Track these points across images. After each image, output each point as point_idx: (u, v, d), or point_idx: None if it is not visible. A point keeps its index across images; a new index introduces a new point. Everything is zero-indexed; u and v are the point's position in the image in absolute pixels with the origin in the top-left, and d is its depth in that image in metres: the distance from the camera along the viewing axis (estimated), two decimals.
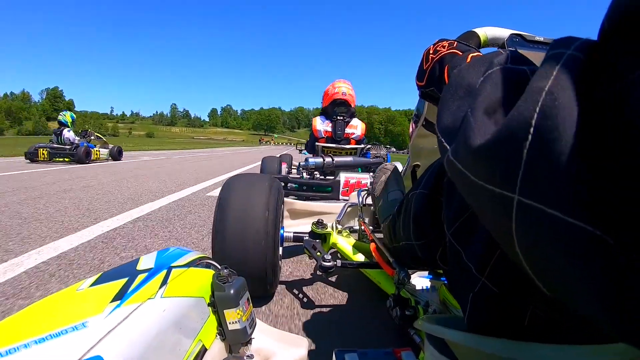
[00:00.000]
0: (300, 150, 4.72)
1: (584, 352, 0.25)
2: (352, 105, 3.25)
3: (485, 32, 0.73)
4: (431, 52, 0.54)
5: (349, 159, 2.65)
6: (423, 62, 0.56)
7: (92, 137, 8.49)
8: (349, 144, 3.20)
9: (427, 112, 0.91)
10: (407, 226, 0.63)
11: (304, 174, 2.74)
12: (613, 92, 0.19)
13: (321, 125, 3.24)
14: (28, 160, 7.17)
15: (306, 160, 2.54)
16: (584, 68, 0.21)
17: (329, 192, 2.56)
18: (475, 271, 0.38)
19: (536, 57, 0.64)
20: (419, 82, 0.57)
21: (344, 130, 3.19)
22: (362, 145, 3.22)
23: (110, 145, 9.06)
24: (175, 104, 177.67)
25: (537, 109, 0.21)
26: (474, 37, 0.72)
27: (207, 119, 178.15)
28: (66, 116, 7.99)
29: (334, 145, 3.12)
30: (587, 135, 0.19)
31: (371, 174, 2.65)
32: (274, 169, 3.57)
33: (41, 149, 7.20)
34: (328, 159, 2.54)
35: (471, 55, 0.46)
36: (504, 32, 0.72)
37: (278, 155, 4.19)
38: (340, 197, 2.48)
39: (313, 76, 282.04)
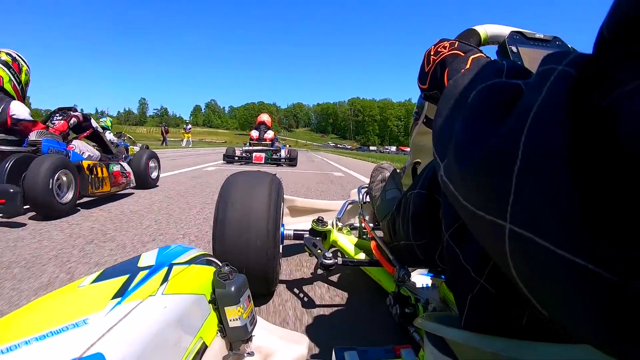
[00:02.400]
0: (245, 143, 9.24)
1: (585, 350, 0.25)
2: (269, 125, 9.57)
3: (485, 29, 0.73)
4: (432, 53, 0.54)
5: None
6: (424, 64, 0.55)
7: (126, 138, 8.27)
8: (264, 141, 9.02)
9: (428, 109, 0.91)
10: (406, 226, 0.63)
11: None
12: (604, 108, 0.18)
13: (255, 133, 9.28)
14: None
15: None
16: (575, 84, 0.20)
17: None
18: (474, 273, 0.38)
19: (536, 54, 0.64)
20: (421, 85, 0.56)
21: (263, 136, 9.14)
22: (272, 142, 8.79)
23: (138, 145, 8.59)
24: (144, 99, 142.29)
25: (525, 130, 0.20)
26: (474, 35, 0.72)
27: (187, 118, 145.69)
28: (107, 122, 7.94)
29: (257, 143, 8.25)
30: (578, 156, 0.18)
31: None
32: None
33: None
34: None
35: (472, 57, 0.46)
36: (504, 30, 0.72)
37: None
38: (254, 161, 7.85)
39: (314, 69, 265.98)
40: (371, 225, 1.30)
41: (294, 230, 1.39)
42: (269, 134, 9.12)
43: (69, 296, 0.46)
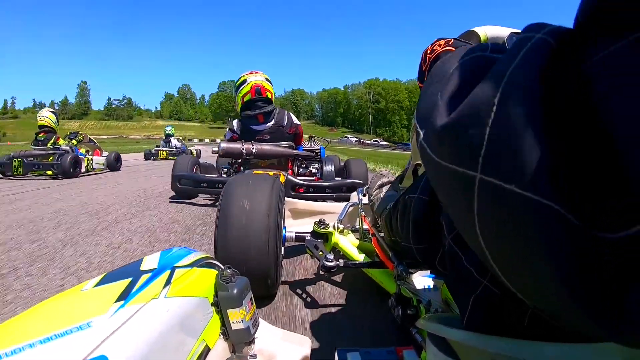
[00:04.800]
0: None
1: (588, 350, 0.25)
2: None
3: (485, 31, 0.73)
4: (428, 52, 0.54)
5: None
6: (422, 62, 0.56)
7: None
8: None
9: None
10: (405, 229, 0.63)
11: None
12: (580, 73, 0.19)
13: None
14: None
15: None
16: (552, 52, 0.21)
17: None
18: (477, 274, 0.38)
19: None
20: (420, 83, 0.57)
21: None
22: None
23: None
24: (85, 83, 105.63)
25: (500, 89, 0.21)
26: (474, 37, 0.72)
27: (151, 109, 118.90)
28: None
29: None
30: (550, 114, 0.19)
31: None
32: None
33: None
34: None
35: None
36: (504, 31, 0.72)
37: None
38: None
39: (317, 46, 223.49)
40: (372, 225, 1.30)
41: (296, 232, 1.39)
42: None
43: (72, 299, 0.46)
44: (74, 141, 6.10)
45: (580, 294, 0.19)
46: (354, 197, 1.62)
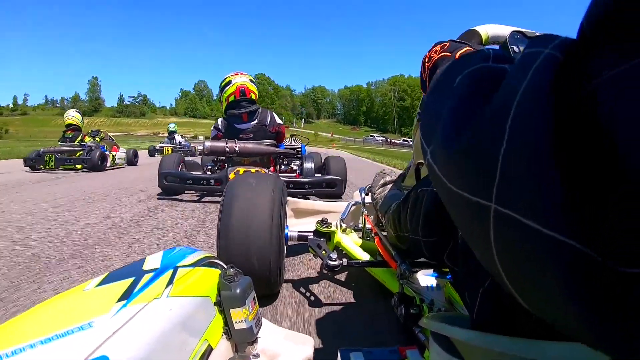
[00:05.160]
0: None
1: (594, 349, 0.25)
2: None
3: (486, 30, 0.72)
4: (426, 60, 0.54)
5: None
6: (422, 71, 0.56)
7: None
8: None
9: None
10: (415, 222, 0.63)
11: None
12: (586, 94, 0.18)
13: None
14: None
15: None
16: (561, 68, 0.20)
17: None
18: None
19: None
20: (423, 92, 0.57)
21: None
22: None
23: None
24: (97, 79, 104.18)
25: (512, 113, 0.20)
26: (475, 36, 0.72)
27: (167, 106, 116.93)
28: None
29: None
30: (563, 139, 0.18)
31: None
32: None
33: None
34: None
35: (459, 53, 0.46)
36: (505, 30, 0.72)
37: None
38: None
39: (338, 42, 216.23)
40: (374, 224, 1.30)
41: (298, 231, 1.39)
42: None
43: (74, 299, 0.46)
44: (97, 138, 6.77)
45: (598, 327, 0.18)
46: (357, 195, 1.62)
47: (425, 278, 1.02)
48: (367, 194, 1.41)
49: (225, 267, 0.69)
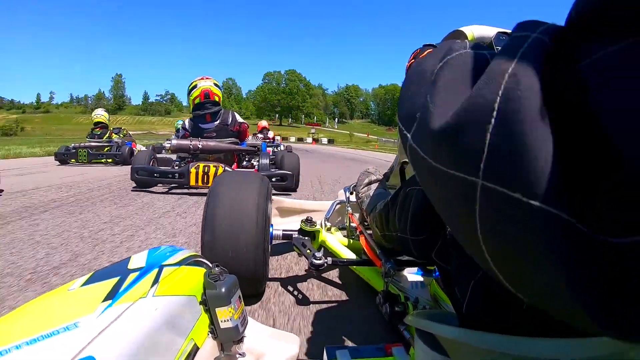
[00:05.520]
0: None
1: (581, 344, 0.25)
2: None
3: (472, 30, 0.74)
4: (408, 63, 0.55)
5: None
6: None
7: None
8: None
9: None
10: (404, 220, 0.64)
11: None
12: (575, 75, 0.19)
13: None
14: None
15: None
16: (549, 52, 0.21)
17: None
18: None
19: None
20: None
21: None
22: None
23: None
24: (120, 76, 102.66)
25: (500, 92, 0.21)
26: (461, 37, 0.73)
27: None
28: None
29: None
30: (551, 118, 0.19)
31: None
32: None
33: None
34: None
35: (427, 51, 0.47)
36: (490, 31, 0.73)
37: None
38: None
39: (374, 44, 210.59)
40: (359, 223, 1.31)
41: (283, 230, 1.39)
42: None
43: (59, 299, 0.45)
44: (120, 134, 7.65)
45: (588, 299, 0.19)
46: (341, 194, 1.63)
47: (410, 276, 1.03)
48: (351, 193, 1.42)
49: (211, 265, 0.69)
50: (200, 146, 3.55)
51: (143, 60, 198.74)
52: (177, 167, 3.77)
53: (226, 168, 3.51)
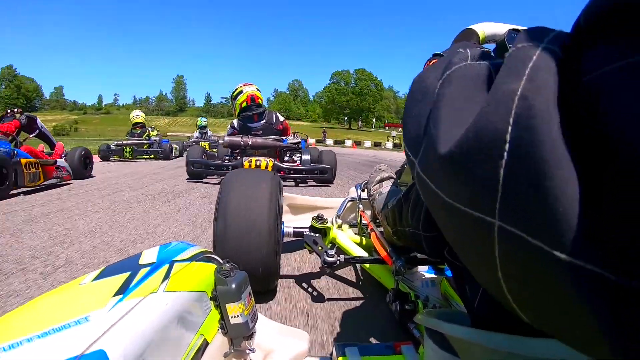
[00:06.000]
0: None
1: None
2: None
3: (483, 29, 0.72)
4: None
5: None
6: None
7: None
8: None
9: None
10: (416, 216, 0.63)
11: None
12: (582, 91, 0.17)
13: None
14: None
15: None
16: (560, 64, 0.18)
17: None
18: None
19: None
20: None
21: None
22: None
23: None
24: (182, 77, 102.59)
25: (511, 120, 0.18)
26: (472, 35, 0.71)
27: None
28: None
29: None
30: (569, 149, 0.17)
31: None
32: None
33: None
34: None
35: (431, 62, 0.46)
36: (501, 28, 0.71)
37: None
38: None
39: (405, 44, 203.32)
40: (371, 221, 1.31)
41: (294, 227, 1.39)
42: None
43: (70, 293, 0.46)
44: (153, 132, 8.47)
45: (615, 342, 0.16)
46: (353, 192, 1.62)
47: (421, 275, 1.03)
48: (363, 190, 1.41)
49: (221, 261, 0.69)
50: (250, 142, 4.10)
51: (205, 62, 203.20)
52: (227, 161, 4.34)
53: (275, 162, 4.08)
